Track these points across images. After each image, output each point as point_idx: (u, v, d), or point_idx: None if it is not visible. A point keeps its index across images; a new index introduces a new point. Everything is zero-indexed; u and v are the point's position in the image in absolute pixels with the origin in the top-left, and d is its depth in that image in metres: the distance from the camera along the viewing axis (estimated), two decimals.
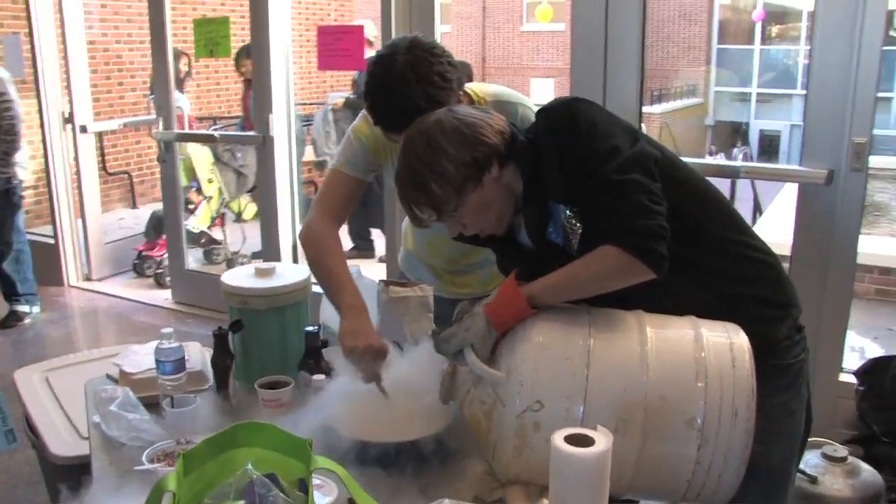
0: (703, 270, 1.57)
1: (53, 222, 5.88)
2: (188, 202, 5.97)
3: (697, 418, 1.32)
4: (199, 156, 5.91)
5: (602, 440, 1.19)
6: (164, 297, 5.62)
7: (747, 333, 1.47)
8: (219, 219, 6.19)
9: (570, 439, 1.20)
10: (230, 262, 6.10)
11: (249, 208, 6.32)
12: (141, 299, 5.61)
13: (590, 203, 1.46)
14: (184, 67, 6.43)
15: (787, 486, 1.71)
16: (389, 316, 1.91)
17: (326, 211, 1.99)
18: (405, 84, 1.70)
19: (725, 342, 1.40)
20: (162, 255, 5.89)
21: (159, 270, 5.88)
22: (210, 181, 5.99)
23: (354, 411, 1.56)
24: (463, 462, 1.53)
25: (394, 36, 3.72)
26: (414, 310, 1.93)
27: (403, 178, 1.54)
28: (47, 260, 5.72)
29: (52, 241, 5.89)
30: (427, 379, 1.67)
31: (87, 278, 5.97)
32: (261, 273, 2.04)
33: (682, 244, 1.48)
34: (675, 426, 1.33)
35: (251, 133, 4.84)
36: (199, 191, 6.01)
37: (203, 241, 6.20)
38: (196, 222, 6.03)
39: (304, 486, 1.15)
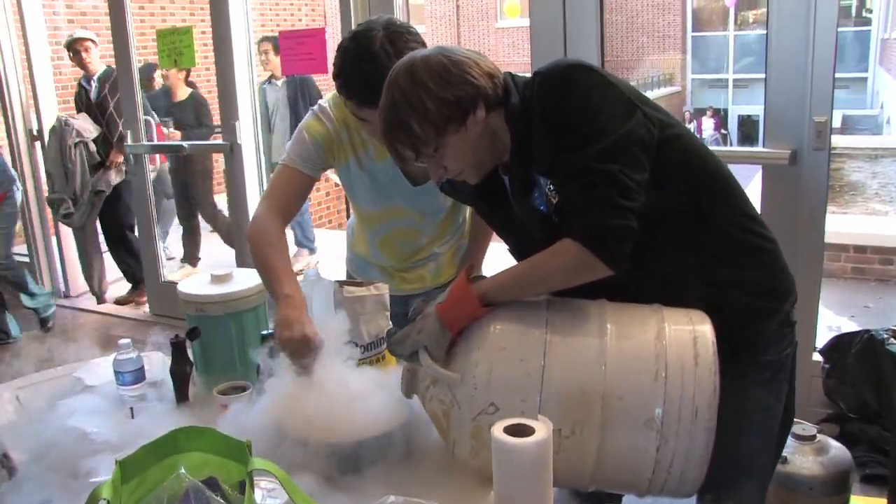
0: (698, 251, 1.52)
1: (27, 240, 5.85)
2: None
3: (656, 419, 1.30)
4: None
5: (542, 430, 1.19)
6: (142, 310, 5.60)
7: (734, 326, 1.43)
8: None
9: (510, 430, 1.20)
10: None
11: None
12: (119, 313, 5.59)
13: (563, 183, 1.42)
14: (159, 78, 6.36)
15: (757, 477, 1.66)
16: (345, 316, 1.90)
17: (274, 206, 1.97)
18: (385, 57, 1.69)
19: (689, 337, 1.36)
20: None
21: None
22: None
23: (305, 410, 1.55)
24: (414, 460, 1.53)
25: None
26: (370, 309, 1.92)
27: (385, 114, 1.47)
28: None
29: (26, 258, 5.86)
30: (382, 377, 1.67)
31: (66, 295, 5.94)
32: (217, 279, 2.03)
33: (676, 222, 1.47)
34: (634, 426, 1.31)
35: (219, 142, 4.82)
36: None
37: None
38: None
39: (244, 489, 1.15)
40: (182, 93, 6.04)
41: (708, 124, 19.24)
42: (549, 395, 1.32)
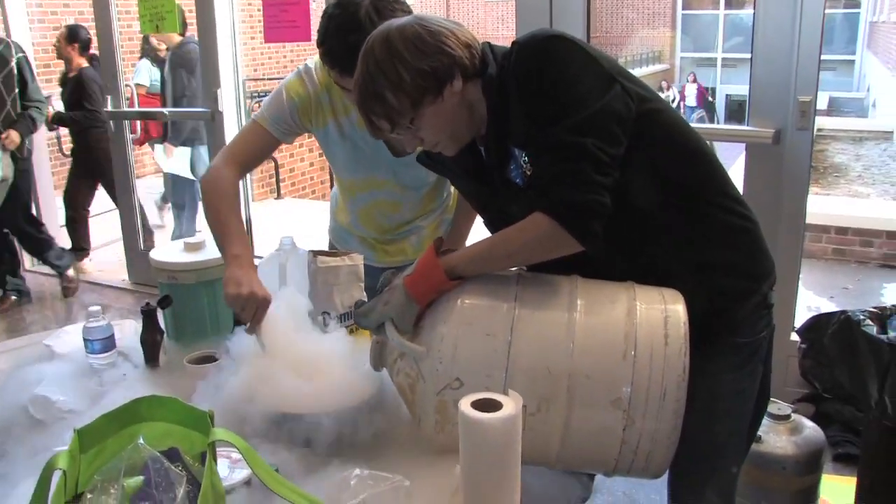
0: (676, 229, 1.48)
1: None
2: None
3: (623, 399, 1.27)
4: None
5: (510, 405, 1.17)
6: (121, 277, 5.55)
7: (709, 307, 1.41)
8: None
9: (478, 404, 1.18)
10: None
11: None
12: (98, 281, 5.54)
13: (537, 156, 1.39)
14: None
15: (730, 459, 1.64)
16: (319, 286, 1.88)
17: (232, 157, 1.95)
18: (370, 26, 1.63)
19: (660, 316, 1.33)
20: None
21: None
22: None
23: (275, 382, 1.53)
24: (382, 433, 1.51)
25: None
26: (344, 279, 1.89)
27: (360, 85, 1.43)
28: None
29: None
30: (352, 348, 1.65)
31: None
32: (189, 247, 2.00)
33: (653, 202, 1.43)
34: (601, 406, 1.29)
35: (200, 109, 4.75)
36: None
37: None
38: None
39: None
40: (75, 67, 5.33)
41: (690, 90, 19.07)
42: (515, 371, 1.29)
